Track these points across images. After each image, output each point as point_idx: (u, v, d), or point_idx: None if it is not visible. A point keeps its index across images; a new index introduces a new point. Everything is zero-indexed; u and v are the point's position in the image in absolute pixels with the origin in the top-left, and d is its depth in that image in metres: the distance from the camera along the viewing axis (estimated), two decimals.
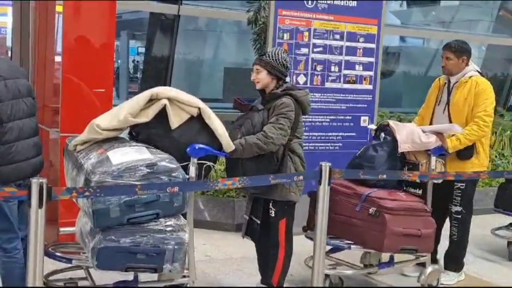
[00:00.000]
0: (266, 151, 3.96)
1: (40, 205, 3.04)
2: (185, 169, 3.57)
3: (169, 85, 8.08)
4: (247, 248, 5.58)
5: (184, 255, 3.52)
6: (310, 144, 5.96)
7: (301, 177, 3.97)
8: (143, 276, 3.75)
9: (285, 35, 5.84)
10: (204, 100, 3.88)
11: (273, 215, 4.17)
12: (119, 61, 12.30)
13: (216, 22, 9.90)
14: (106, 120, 3.68)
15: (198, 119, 3.75)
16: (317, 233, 3.85)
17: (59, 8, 5.04)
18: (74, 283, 3.88)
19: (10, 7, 7.66)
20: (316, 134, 6.04)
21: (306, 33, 5.91)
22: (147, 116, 3.65)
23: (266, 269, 4.29)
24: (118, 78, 11.81)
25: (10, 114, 3.62)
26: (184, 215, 3.66)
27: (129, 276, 3.71)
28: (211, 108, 3.81)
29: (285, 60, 4.14)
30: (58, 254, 3.86)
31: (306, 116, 4.58)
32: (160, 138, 3.69)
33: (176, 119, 3.68)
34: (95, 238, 3.38)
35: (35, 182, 3.04)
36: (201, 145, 3.63)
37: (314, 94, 5.96)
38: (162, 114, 3.67)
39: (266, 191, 4.04)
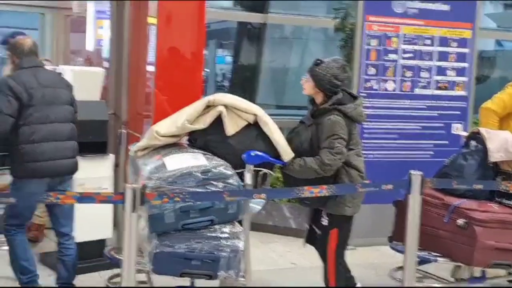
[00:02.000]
0: (325, 174, 3.84)
1: (133, 209, 3.17)
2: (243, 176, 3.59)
3: (256, 94, 8.18)
4: None
5: (239, 263, 3.48)
6: (400, 152, 5.84)
7: (389, 186, 3.89)
8: (202, 282, 3.71)
9: (372, 41, 5.77)
10: (290, 107, 3.91)
11: (325, 223, 4.03)
12: (207, 70, 12.58)
13: (302, 29, 9.92)
14: (164, 127, 3.74)
15: (255, 126, 3.73)
16: (408, 244, 3.75)
17: (151, 20, 5.23)
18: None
19: (107, 20, 8.02)
20: (406, 141, 5.92)
21: (395, 39, 5.82)
22: (204, 122, 3.68)
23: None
24: (206, 86, 12.08)
25: (39, 117, 3.90)
26: (241, 223, 3.64)
27: (187, 282, 3.73)
28: (298, 115, 3.83)
29: (335, 77, 3.90)
30: (118, 257, 3.96)
31: (395, 123, 4.51)
32: (216, 144, 3.69)
33: (232, 126, 3.67)
34: (151, 243, 3.43)
35: (129, 187, 3.17)
36: (257, 152, 3.61)
37: (404, 100, 5.85)
38: (219, 121, 3.68)
39: (321, 203, 3.94)
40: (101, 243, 4.83)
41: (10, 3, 11.01)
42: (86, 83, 4.76)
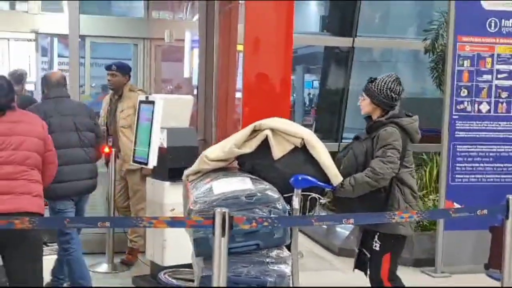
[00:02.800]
0: (378, 187, 3.72)
1: (222, 234, 3.19)
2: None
3: (344, 117, 8.11)
4: (426, 284, 5.36)
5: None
6: (495, 176, 5.59)
7: (484, 211, 3.73)
8: None
9: (465, 62, 5.59)
10: None
11: (377, 248, 3.86)
12: (294, 94, 12.63)
13: (391, 52, 9.80)
14: (214, 152, 3.75)
15: (303, 150, 3.67)
16: (505, 272, 3.56)
17: (239, 48, 5.33)
18: None
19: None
20: (503, 165, 5.66)
21: (489, 59, 5.60)
22: (251, 147, 3.66)
23: None
24: (294, 111, 12.12)
25: (59, 143, 4.03)
26: (289, 248, 3.56)
27: None
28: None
29: (390, 90, 3.84)
30: (169, 280, 4.01)
31: (490, 146, 4.31)
32: (264, 168, 3.66)
33: (279, 150, 3.64)
34: (199, 267, 3.43)
35: (218, 212, 3.19)
36: (304, 176, 3.55)
37: (499, 123, 5.60)
38: (267, 145, 3.65)
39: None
40: (190, 267, 4.88)
41: (107, 35, 11.62)
42: (176, 111, 4.89)
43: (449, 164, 5.62)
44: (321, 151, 3.67)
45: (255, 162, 3.70)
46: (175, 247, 4.66)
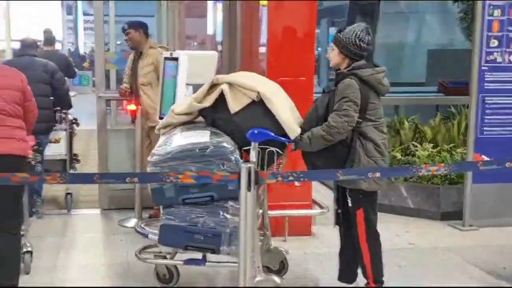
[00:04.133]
0: (335, 141, 3.64)
1: (248, 188, 3.22)
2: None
3: None
4: (453, 237, 5.37)
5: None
6: None
7: None
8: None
9: (495, 11, 5.44)
10: (407, 84, 3.78)
11: (350, 204, 3.82)
12: (319, 49, 12.48)
13: (418, 3, 9.58)
14: (180, 106, 3.90)
15: (262, 104, 3.67)
16: None
17: (263, 2, 5.26)
18: (162, 256, 4.04)
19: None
20: None
21: None
22: (209, 101, 3.75)
23: (353, 264, 3.93)
24: (319, 66, 11.99)
25: None
26: None
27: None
28: (415, 92, 3.69)
29: (359, 39, 3.70)
30: (142, 229, 4.11)
31: None
32: (223, 122, 3.74)
33: (235, 104, 3.68)
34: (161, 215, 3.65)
35: (244, 166, 3.22)
36: (260, 130, 3.57)
37: None
38: (225, 99, 3.69)
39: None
40: None
41: None
42: (200, 67, 4.87)
43: (477, 116, 5.54)
44: (277, 105, 3.67)
45: (215, 116, 3.79)
46: None
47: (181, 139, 3.68)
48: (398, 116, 7.08)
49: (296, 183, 4.83)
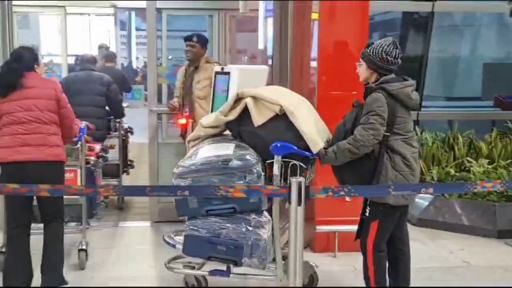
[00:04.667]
0: (361, 154, 3.63)
1: (299, 203, 3.20)
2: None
3: (424, 85, 7.88)
4: (510, 256, 5.20)
5: (263, 251, 3.61)
6: None
7: None
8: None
9: None
10: (461, 99, 3.70)
11: (367, 214, 3.83)
12: None
13: (473, 16, 9.38)
14: (207, 119, 4.04)
15: (285, 117, 3.71)
16: None
17: (314, 16, 5.25)
18: (191, 267, 4.06)
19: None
20: None
21: None
22: (234, 114, 3.85)
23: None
24: None
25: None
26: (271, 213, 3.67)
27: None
28: (470, 107, 3.60)
29: (386, 53, 3.69)
30: (171, 239, 4.14)
31: None
32: (248, 135, 3.82)
33: (259, 117, 3.75)
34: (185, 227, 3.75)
35: (294, 181, 3.20)
36: (284, 143, 3.63)
37: None
38: (250, 112, 3.78)
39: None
40: None
41: (183, 7, 11.75)
42: (251, 81, 4.88)
43: None
44: (300, 119, 3.71)
45: (240, 129, 3.88)
46: None
47: (206, 152, 3.78)
48: (452, 131, 6.94)
49: (347, 198, 4.77)
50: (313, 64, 5.30)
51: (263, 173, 3.63)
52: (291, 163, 3.68)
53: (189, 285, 4.15)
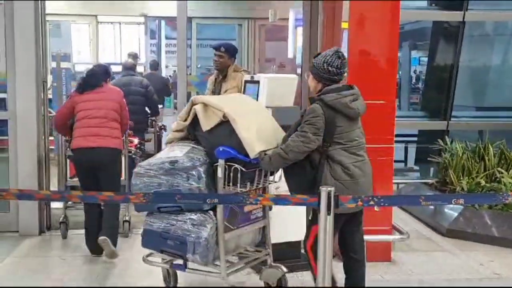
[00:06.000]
0: (292, 160, 3.73)
1: (328, 212, 3.21)
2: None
3: (453, 95, 7.82)
4: None
5: (205, 249, 3.84)
6: None
7: None
8: None
9: None
10: (492, 108, 3.66)
11: (310, 218, 3.93)
12: (400, 72, 12.31)
13: (505, 25, 9.28)
14: (175, 124, 4.35)
15: (230, 123, 3.90)
16: None
17: (344, 25, 5.26)
18: (170, 262, 4.21)
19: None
20: None
21: None
22: (189, 120, 4.12)
23: None
24: (400, 89, 11.81)
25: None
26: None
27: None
28: (501, 117, 3.56)
29: (328, 64, 3.76)
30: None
31: None
32: (201, 138, 4.08)
33: (206, 122, 4.00)
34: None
35: (324, 190, 3.21)
36: (225, 148, 3.82)
37: None
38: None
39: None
40: (297, 244, 4.94)
41: (213, 16, 11.86)
42: (281, 90, 4.92)
43: None
44: (240, 125, 3.88)
45: (196, 133, 4.13)
46: (280, 225, 4.73)
47: (164, 153, 4.16)
48: (482, 141, 6.86)
49: (376, 208, 4.76)
50: None
51: (203, 175, 3.88)
52: (233, 167, 3.83)
53: (164, 277, 4.43)
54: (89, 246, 5.17)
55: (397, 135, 5.19)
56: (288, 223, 4.75)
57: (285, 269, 4.29)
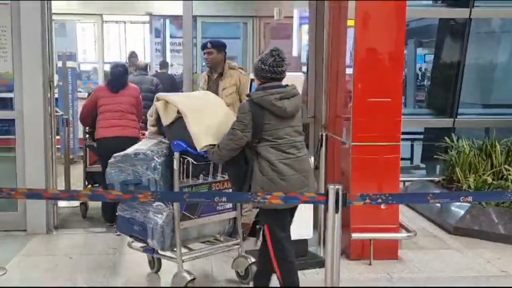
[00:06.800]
0: (226, 156, 3.91)
1: (336, 210, 3.21)
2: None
3: (459, 92, 7.80)
4: None
5: (161, 236, 4.16)
6: None
7: None
8: None
9: None
10: (499, 106, 3.64)
11: (260, 219, 4.09)
12: (405, 69, 12.27)
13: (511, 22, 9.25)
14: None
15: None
16: None
17: (350, 23, 5.24)
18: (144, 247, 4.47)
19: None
20: None
21: None
22: (154, 116, 4.45)
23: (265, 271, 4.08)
24: (405, 87, 11.78)
25: None
26: None
27: None
28: (508, 114, 3.54)
29: (261, 62, 3.88)
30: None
31: None
32: (165, 133, 4.39)
33: (166, 117, 4.31)
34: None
35: (331, 188, 3.21)
36: (178, 141, 4.11)
37: None
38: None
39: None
40: (303, 242, 4.95)
41: (218, 15, 11.84)
42: None
43: None
44: (190, 120, 4.14)
45: (162, 129, 4.42)
46: None
47: (136, 146, 4.53)
48: (489, 139, 6.84)
49: (382, 206, 4.76)
50: (349, 71, 5.29)
51: (159, 167, 4.20)
52: (186, 159, 4.16)
53: (149, 262, 4.75)
54: (105, 216, 6.05)
55: (403, 133, 5.18)
56: (294, 222, 4.75)
57: (252, 259, 4.44)
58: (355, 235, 4.97)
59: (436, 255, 5.31)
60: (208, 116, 4.23)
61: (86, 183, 6.53)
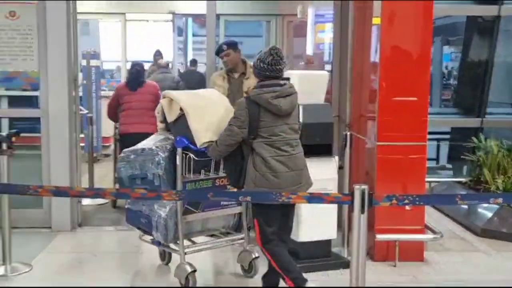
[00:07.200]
0: (224, 152, 3.99)
1: (362, 210, 3.15)
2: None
3: (488, 91, 7.66)
4: None
5: (164, 229, 4.28)
6: None
7: None
8: None
9: None
10: None
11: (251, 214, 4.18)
12: (431, 68, 12.12)
13: None
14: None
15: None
16: None
17: (375, 21, 5.17)
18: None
19: (327, 23, 8.17)
20: None
21: None
22: (160, 112, 4.55)
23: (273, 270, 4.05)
24: (432, 85, 11.63)
25: None
26: None
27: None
28: None
29: (259, 60, 3.95)
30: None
31: None
32: (171, 129, 4.48)
33: (171, 114, 4.39)
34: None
35: (357, 188, 3.16)
36: (182, 138, 4.19)
37: None
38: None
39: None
40: (327, 243, 4.90)
41: (241, 13, 11.84)
42: (311, 87, 4.87)
43: None
44: (192, 116, 4.23)
45: (168, 125, 4.52)
46: (311, 223, 4.70)
47: (145, 141, 4.60)
48: None
49: (407, 207, 4.69)
50: (374, 69, 5.22)
51: (162, 162, 4.30)
52: (188, 155, 4.28)
53: (160, 254, 4.90)
54: None
55: (429, 133, 5.10)
56: (317, 222, 4.71)
57: (256, 254, 4.52)
58: (379, 236, 4.90)
59: (463, 257, 5.21)
60: (210, 113, 4.31)
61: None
